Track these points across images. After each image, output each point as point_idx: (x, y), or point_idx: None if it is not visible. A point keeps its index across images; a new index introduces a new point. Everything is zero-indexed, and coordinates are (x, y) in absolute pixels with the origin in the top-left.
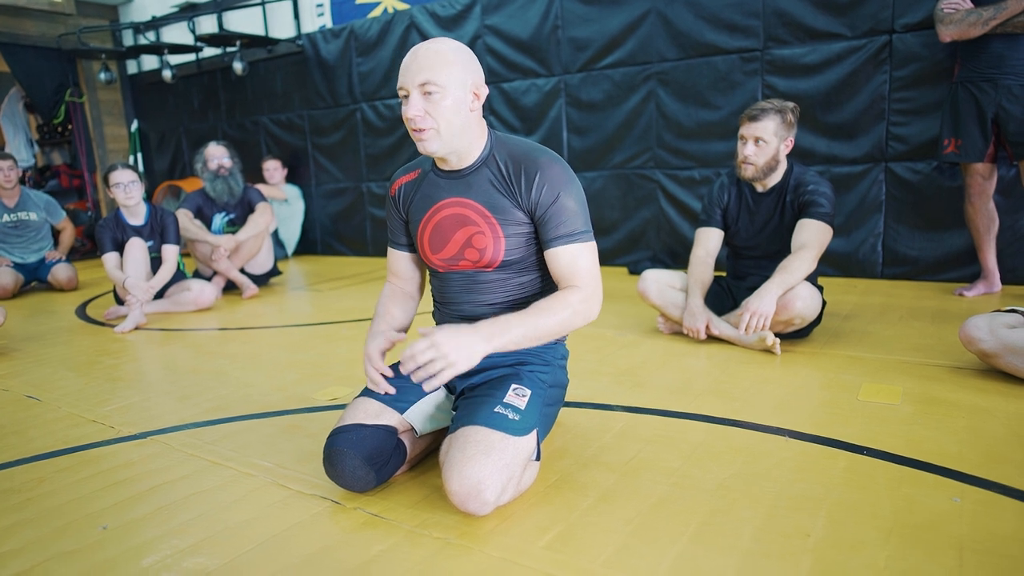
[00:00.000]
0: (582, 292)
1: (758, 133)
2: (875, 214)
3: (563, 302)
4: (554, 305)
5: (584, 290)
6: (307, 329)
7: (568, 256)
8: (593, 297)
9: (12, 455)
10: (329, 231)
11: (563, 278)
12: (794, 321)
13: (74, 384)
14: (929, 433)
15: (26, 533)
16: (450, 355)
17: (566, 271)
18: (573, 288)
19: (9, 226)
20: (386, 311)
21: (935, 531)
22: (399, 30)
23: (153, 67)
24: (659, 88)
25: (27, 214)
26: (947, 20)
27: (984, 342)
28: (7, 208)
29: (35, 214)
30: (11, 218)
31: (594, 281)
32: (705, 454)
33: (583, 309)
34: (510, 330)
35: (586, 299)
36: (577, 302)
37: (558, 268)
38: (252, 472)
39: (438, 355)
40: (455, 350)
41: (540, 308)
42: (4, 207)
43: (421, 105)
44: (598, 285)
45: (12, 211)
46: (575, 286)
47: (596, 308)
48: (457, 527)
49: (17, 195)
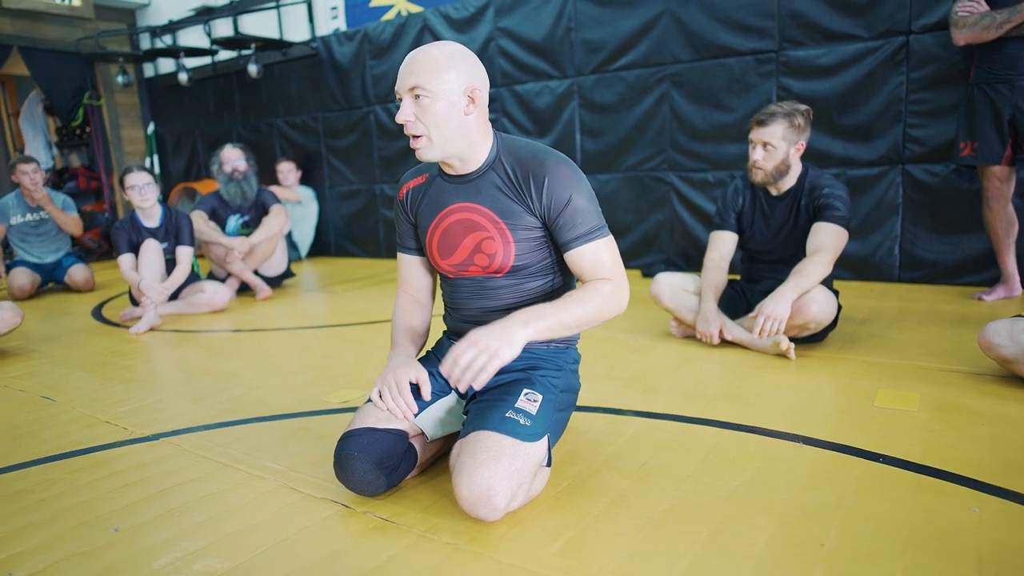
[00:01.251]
0: (611, 283)
1: (765, 138)
2: (892, 217)
3: (594, 291)
4: (585, 295)
5: (613, 281)
6: (320, 331)
7: (591, 254)
8: (622, 288)
9: (26, 456)
10: (342, 233)
11: (589, 276)
12: (809, 325)
13: (89, 385)
14: (948, 441)
15: (39, 534)
16: (491, 345)
17: (591, 268)
18: (602, 280)
19: (31, 225)
20: (405, 327)
21: (954, 542)
22: (412, 32)
23: (169, 70)
24: (673, 90)
25: (48, 213)
26: (961, 24)
27: (1004, 347)
28: (30, 208)
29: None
30: (33, 217)
31: (621, 273)
32: (718, 460)
33: (614, 300)
34: (546, 317)
35: (616, 290)
36: (608, 292)
37: (582, 267)
38: (263, 475)
39: (479, 350)
40: (495, 339)
41: (573, 298)
42: (27, 207)
43: (411, 110)
44: (624, 277)
45: (35, 210)
46: (604, 278)
47: (625, 299)
48: (467, 532)
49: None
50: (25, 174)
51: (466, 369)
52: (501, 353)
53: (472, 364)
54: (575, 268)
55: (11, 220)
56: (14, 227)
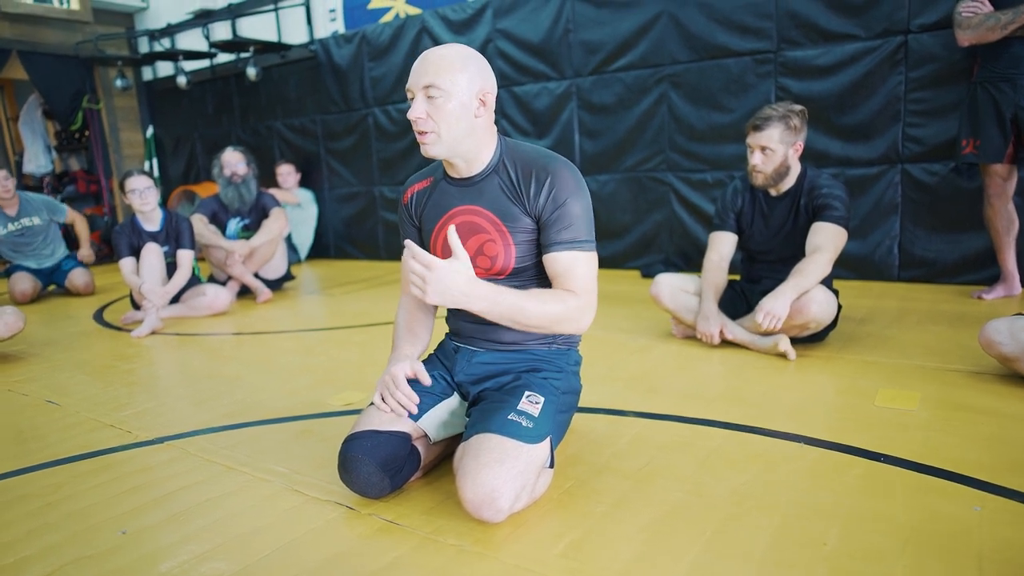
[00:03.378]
0: (579, 300)
1: (763, 142)
2: (891, 216)
3: (560, 300)
4: (550, 299)
5: (581, 299)
6: (321, 333)
7: (566, 261)
8: (588, 308)
9: (32, 460)
10: (342, 235)
11: (558, 284)
12: (809, 325)
13: (92, 389)
14: (948, 440)
15: (45, 538)
16: (428, 293)
17: (562, 277)
18: (571, 293)
19: (15, 235)
20: (408, 330)
21: (955, 540)
22: (411, 35)
23: (168, 73)
24: (671, 91)
25: (30, 220)
26: (965, 24)
27: (1005, 346)
28: (9, 217)
29: (37, 218)
30: (15, 227)
31: (590, 293)
32: (720, 460)
33: (576, 316)
34: (498, 303)
35: (582, 308)
36: (574, 307)
37: (555, 273)
38: (267, 477)
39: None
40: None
41: (535, 295)
42: (6, 217)
43: (424, 107)
44: (594, 297)
45: (15, 219)
46: (572, 291)
47: (587, 320)
48: (471, 534)
49: (16, 203)
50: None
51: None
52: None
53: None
54: (549, 271)
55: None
56: (1, 239)
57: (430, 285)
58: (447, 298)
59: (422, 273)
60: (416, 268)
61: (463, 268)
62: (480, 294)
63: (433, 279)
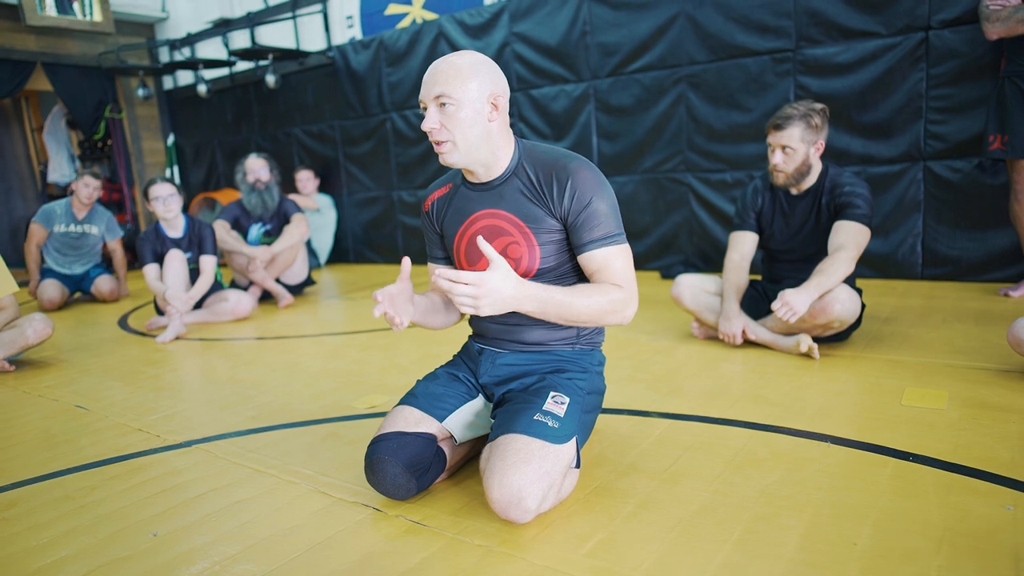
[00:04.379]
0: (622, 292)
1: (784, 141)
2: (914, 214)
3: (604, 292)
4: (594, 291)
5: (624, 291)
6: (342, 337)
7: (602, 259)
8: (631, 300)
9: (65, 463)
10: (361, 240)
11: (598, 280)
12: (833, 324)
13: (120, 394)
14: (978, 439)
15: (81, 539)
16: (482, 308)
17: (601, 274)
18: (615, 285)
19: (72, 236)
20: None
21: (989, 540)
22: (428, 40)
23: (188, 82)
24: (689, 91)
25: (91, 227)
26: (993, 18)
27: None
28: (75, 219)
29: (97, 228)
30: (76, 229)
31: (631, 284)
32: (746, 460)
33: (620, 308)
34: (547, 302)
35: (625, 300)
36: (618, 299)
37: (593, 271)
38: (295, 480)
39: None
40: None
41: (580, 289)
42: (73, 217)
43: (437, 117)
44: (635, 288)
45: (79, 223)
46: (615, 284)
47: (632, 311)
48: (498, 534)
49: (87, 210)
50: (87, 187)
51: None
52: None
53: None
54: (587, 271)
55: (55, 228)
56: (56, 235)
57: (482, 300)
58: (499, 307)
59: (472, 292)
60: (463, 290)
61: (508, 274)
62: (530, 295)
63: (484, 294)
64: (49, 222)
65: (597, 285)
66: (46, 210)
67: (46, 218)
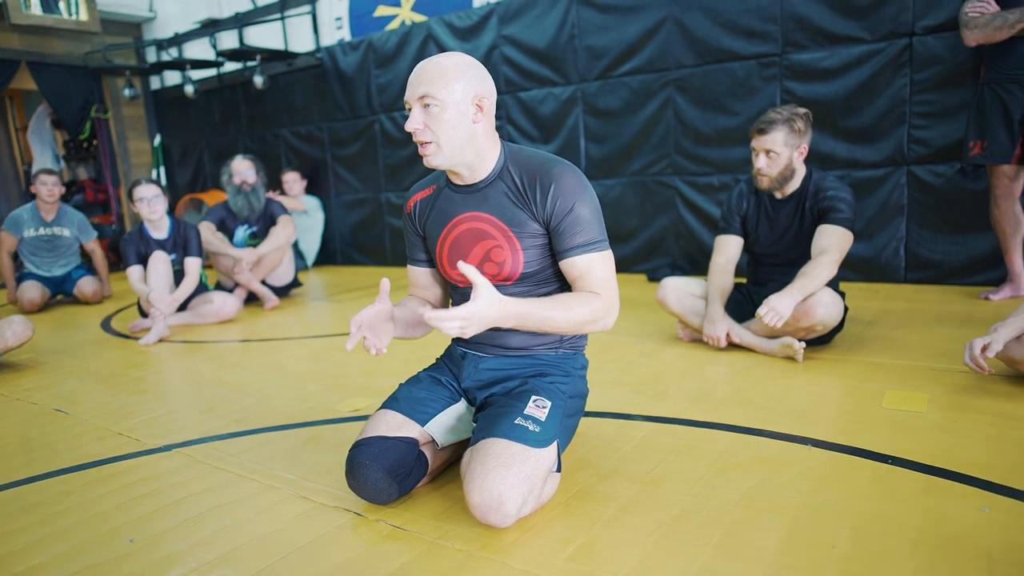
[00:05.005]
0: (603, 300)
1: (767, 145)
2: (897, 218)
3: (584, 303)
4: (575, 303)
5: (604, 299)
6: (328, 340)
7: (584, 265)
8: (612, 308)
9: (41, 468)
10: (348, 242)
11: (579, 287)
12: (816, 327)
13: (100, 397)
14: (956, 441)
15: (54, 547)
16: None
17: (582, 281)
18: (594, 294)
19: (43, 239)
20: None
21: (964, 542)
22: (416, 42)
23: (175, 82)
24: (677, 95)
25: (61, 229)
26: (972, 24)
27: (1012, 348)
28: (44, 222)
29: (68, 231)
30: (46, 232)
31: (612, 291)
32: (728, 463)
33: (601, 317)
34: (532, 316)
35: (607, 308)
36: (598, 308)
37: (574, 278)
38: (275, 484)
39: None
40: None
41: (560, 302)
42: (41, 221)
43: (421, 118)
44: (616, 295)
45: (48, 225)
46: (594, 292)
47: (612, 318)
48: (479, 539)
49: (55, 210)
50: (44, 185)
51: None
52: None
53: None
54: (568, 277)
55: (24, 233)
56: (27, 240)
57: (468, 330)
58: (483, 328)
59: (461, 325)
60: (454, 325)
61: (492, 298)
62: (511, 312)
63: (471, 325)
64: (17, 228)
65: (578, 295)
66: (13, 217)
67: (14, 225)
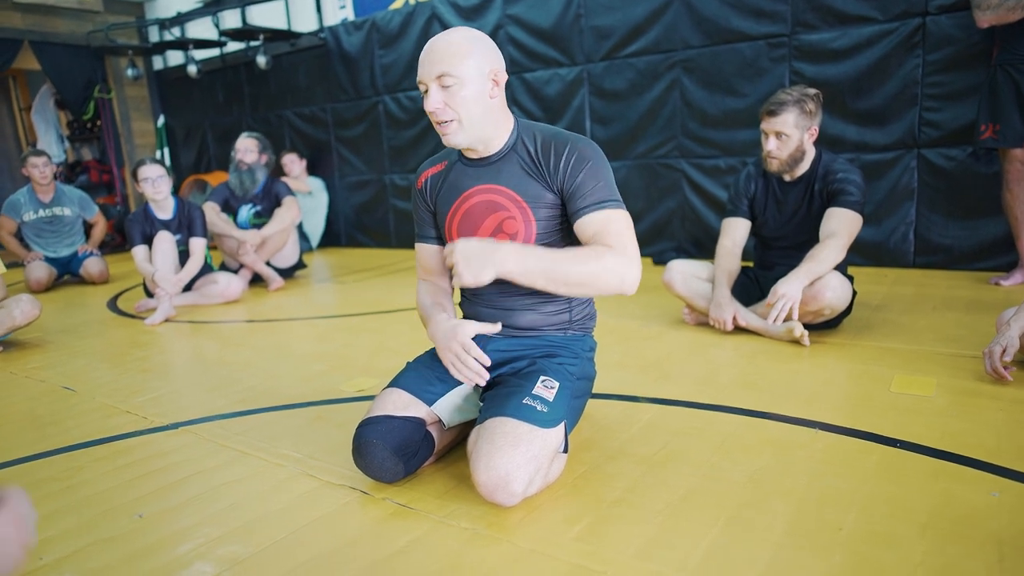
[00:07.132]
0: (618, 254)
1: (778, 127)
2: (907, 202)
3: (596, 256)
4: (586, 256)
5: (620, 253)
6: (333, 321)
7: (600, 221)
8: (631, 264)
9: (51, 444)
10: (353, 223)
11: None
12: (824, 311)
13: (107, 375)
14: (965, 426)
15: (66, 520)
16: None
17: (599, 237)
18: (608, 247)
19: (44, 221)
20: (436, 304)
21: (973, 526)
22: (420, 22)
23: (178, 62)
24: (684, 76)
25: (61, 209)
26: (984, 5)
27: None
28: (42, 204)
29: (69, 209)
30: (46, 213)
31: (631, 247)
32: (734, 446)
33: (617, 270)
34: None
35: (622, 262)
36: (612, 260)
37: (589, 236)
38: (282, 462)
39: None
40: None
41: (571, 254)
42: (40, 203)
43: (440, 97)
44: (636, 253)
45: (47, 207)
46: (610, 246)
47: (632, 277)
48: (485, 518)
49: (52, 191)
50: (35, 167)
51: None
52: (480, 275)
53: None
54: (582, 238)
55: (23, 216)
56: (28, 223)
57: (459, 264)
58: (477, 264)
59: (453, 259)
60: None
61: (471, 239)
62: (506, 248)
63: (459, 255)
64: (16, 212)
65: (592, 248)
66: (10, 201)
67: (12, 209)
